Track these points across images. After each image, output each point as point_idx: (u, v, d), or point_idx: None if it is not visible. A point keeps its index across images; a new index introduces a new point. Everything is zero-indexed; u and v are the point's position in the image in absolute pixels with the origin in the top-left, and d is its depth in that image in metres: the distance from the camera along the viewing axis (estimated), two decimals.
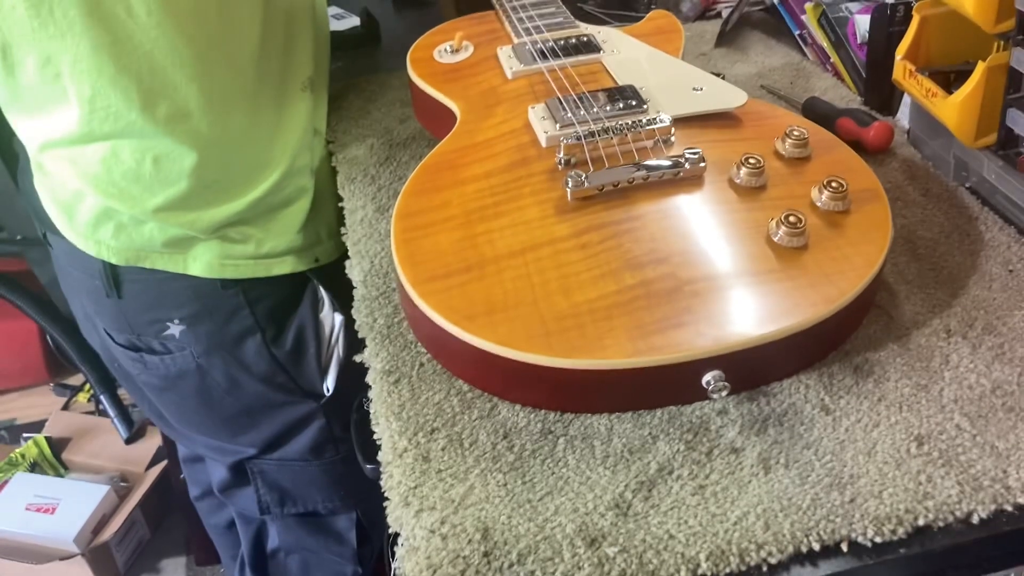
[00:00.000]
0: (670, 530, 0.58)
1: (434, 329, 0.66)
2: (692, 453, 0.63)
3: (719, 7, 1.33)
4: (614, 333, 0.62)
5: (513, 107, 0.86)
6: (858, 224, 0.71)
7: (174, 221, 0.83)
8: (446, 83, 0.92)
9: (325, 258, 0.95)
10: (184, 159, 0.81)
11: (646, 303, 0.64)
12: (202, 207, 0.84)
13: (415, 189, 0.76)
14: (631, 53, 0.94)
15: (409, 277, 0.68)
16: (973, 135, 0.82)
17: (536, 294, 0.65)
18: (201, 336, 0.90)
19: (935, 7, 0.86)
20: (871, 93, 1.03)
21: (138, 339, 0.92)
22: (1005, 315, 0.73)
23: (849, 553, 0.57)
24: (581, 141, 0.77)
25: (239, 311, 0.89)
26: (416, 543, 0.59)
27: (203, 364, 0.92)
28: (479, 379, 0.68)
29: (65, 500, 1.67)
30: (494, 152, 0.80)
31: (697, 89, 0.86)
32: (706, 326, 0.63)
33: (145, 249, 0.85)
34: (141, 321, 0.91)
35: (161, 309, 0.89)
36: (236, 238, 0.86)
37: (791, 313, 0.64)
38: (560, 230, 0.71)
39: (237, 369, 0.92)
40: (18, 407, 2.02)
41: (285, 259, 0.90)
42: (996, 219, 0.83)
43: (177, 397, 0.97)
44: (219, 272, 0.87)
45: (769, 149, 0.78)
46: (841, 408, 0.66)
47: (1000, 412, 0.65)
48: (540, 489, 0.62)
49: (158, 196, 0.82)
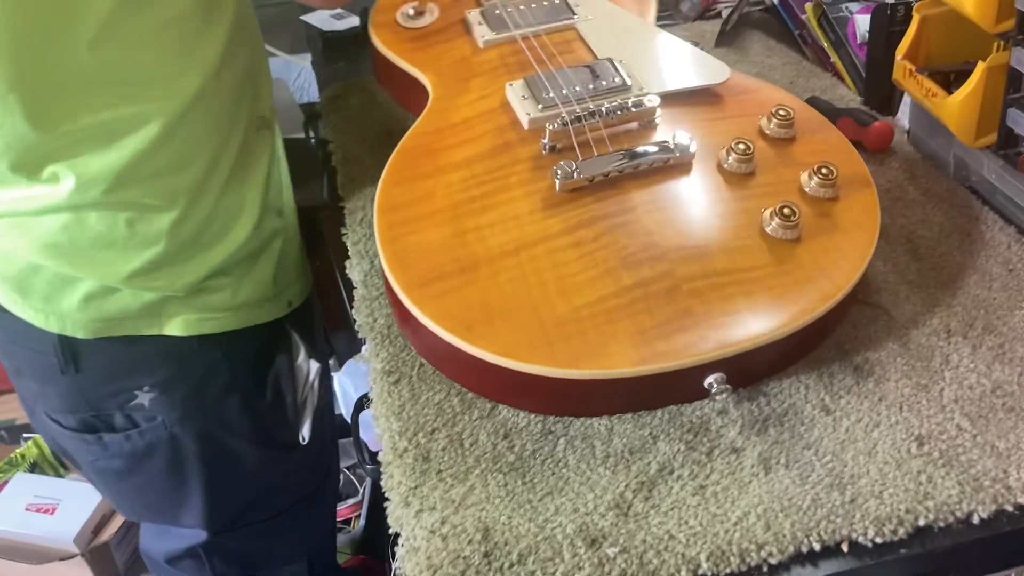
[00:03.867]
0: (670, 530, 0.58)
1: (430, 337, 0.65)
2: (692, 453, 0.63)
3: (719, 7, 1.33)
4: (617, 339, 0.61)
5: (488, 82, 0.83)
6: (847, 211, 0.70)
7: (151, 285, 0.76)
8: (415, 52, 0.87)
9: (297, 300, 0.90)
10: (162, 218, 0.74)
11: (646, 305, 0.64)
12: (181, 264, 0.77)
13: (395, 178, 0.73)
14: (606, 18, 0.90)
15: (401, 282, 0.66)
16: (973, 135, 0.81)
17: (534, 297, 0.64)
18: (176, 401, 0.82)
19: (935, 7, 0.86)
20: (871, 93, 1.03)
21: (96, 417, 0.82)
22: (1005, 315, 0.73)
23: (850, 553, 0.57)
24: (568, 127, 0.74)
25: (217, 368, 0.82)
26: (416, 543, 0.59)
27: (177, 433, 0.83)
28: (477, 386, 0.67)
29: (65, 500, 1.66)
30: (474, 135, 0.77)
31: (679, 63, 0.84)
32: (708, 329, 0.62)
33: (118, 318, 0.77)
34: (102, 394, 0.81)
35: (129, 378, 0.80)
36: (214, 288, 0.80)
37: (790, 312, 0.64)
38: (552, 226, 0.69)
39: (218, 430, 0.85)
40: (18, 407, 2.00)
41: (261, 308, 0.84)
42: (996, 219, 0.83)
43: (142, 480, 0.87)
44: (197, 329, 0.80)
45: (754, 128, 0.77)
46: (841, 408, 0.65)
47: (1000, 412, 0.65)
48: (540, 489, 0.62)
49: (134, 261, 0.74)
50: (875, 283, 0.76)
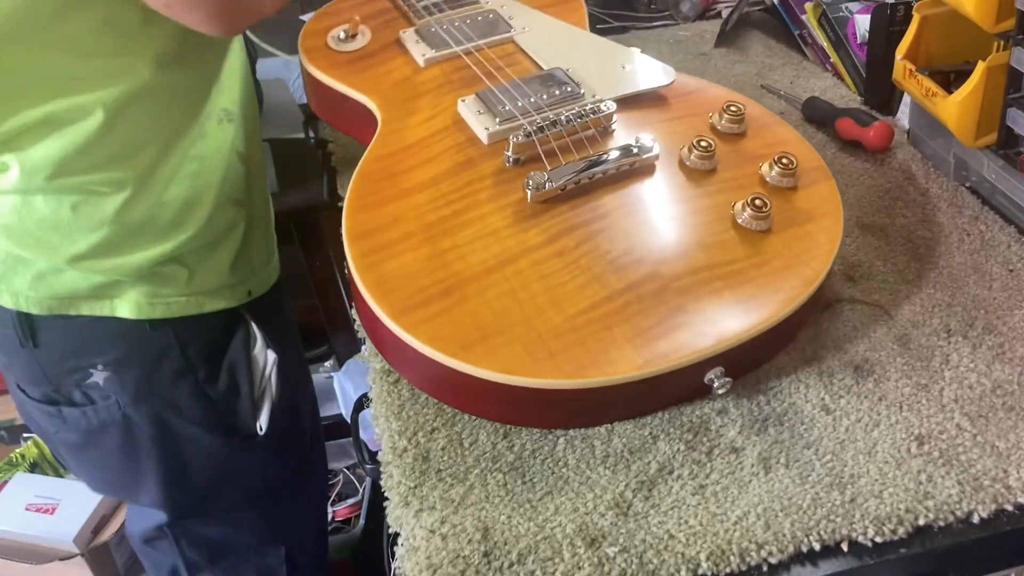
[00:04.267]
0: (670, 530, 0.58)
1: (425, 363, 0.62)
2: (692, 453, 0.63)
3: (719, 7, 1.33)
4: (618, 344, 0.61)
5: (436, 100, 0.81)
6: (809, 200, 0.71)
7: (97, 268, 0.77)
8: (352, 75, 0.84)
9: (259, 290, 0.89)
10: (106, 205, 0.75)
11: (639, 307, 0.63)
12: (129, 249, 0.77)
13: (359, 204, 0.71)
14: (542, 30, 0.89)
15: (387, 309, 0.63)
16: (973, 135, 0.81)
17: (526, 311, 0.63)
18: (128, 382, 0.82)
19: (935, 7, 0.86)
20: (871, 93, 1.03)
21: (56, 391, 0.84)
22: (1005, 315, 0.73)
23: (849, 553, 0.57)
24: (532, 138, 0.74)
25: (169, 353, 0.82)
26: (416, 543, 0.59)
27: (130, 413, 0.84)
28: (480, 408, 0.66)
29: (65, 500, 1.66)
30: (433, 154, 0.76)
31: (624, 67, 0.83)
32: (704, 325, 0.63)
33: (68, 297, 0.78)
34: (60, 370, 0.82)
35: (83, 356, 0.81)
36: (166, 275, 0.80)
37: (778, 300, 0.64)
38: (532, 237, 0.68)
39: (170, 414, 0.85)
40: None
41: (217, 295, 0.84)
42: (996, 219, 0.83)
43: (98, 455, 0.89)
44: (148, 312, 0.80)
45: (706, 126, 0.78)
46: (841, 408, 0.66)
47: (1000, 412, 0.65)
48: (540, 489, 0.62)
49: (79, 243, 0.75)
50: (875, 283, 0.77)
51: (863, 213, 0.85)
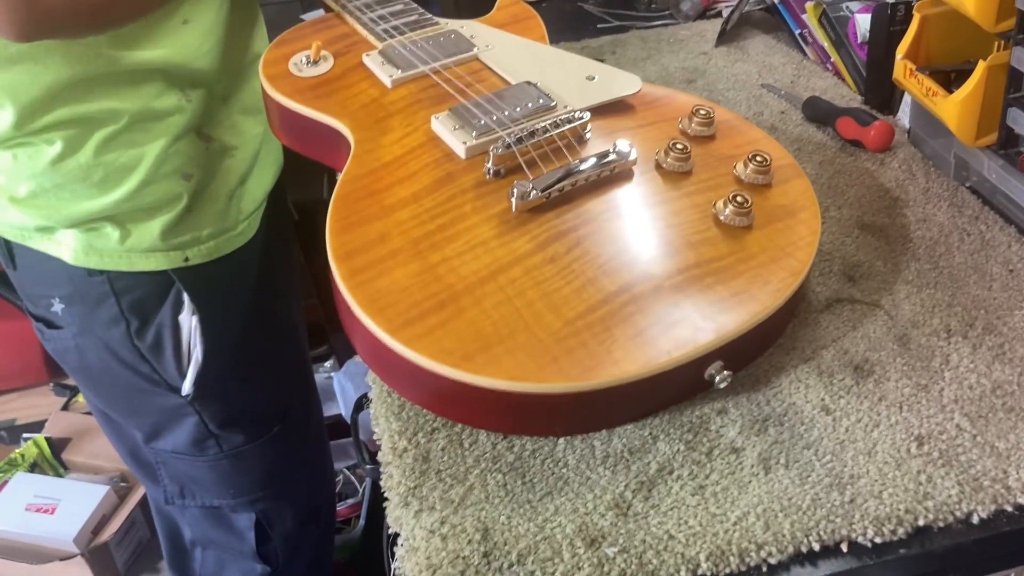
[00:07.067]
0: (670, 530, 0.58)
1: (426, 377, 0.62)
2: (692, 453, 0.63)
3: (719, 6, 1.33)
4: (619, 344, 0.61)
5: (408, 118, 0.81)
6: (785, 195, 0.73)
7: (33, 212, 0.86)
8: (319, 99, 0.84)
9: (197, 259, 0.93)
10: (42, 155, 0.83)
11: (636, 307, 0.63)
12: (61, 200, 0.86)
13: (342, 225, 0.71)
14: (505, 47, 0.90)
15: (384, 326, 0.61)
16: (973, 134, 0.81)
17: (525, 317, 0.63)
18: (75, 317, 0.92)
19: (936, 6, 0.86)
20: (871, 92, 1.03)
21: (35, 309, 0.96)
22: (1005, 315, 0.73)
23: (849, 553, 0.57)
24: (512, 149, 0.74)
25: (106, 299, 0.91)
26: (416, 543, 0.59)
27: (80, 344, 0.94)
28: (485, 420, 0.65)
29: (65, 500, 1.67)
30: (411, 171, 0.76)
31: (591, 78, 0.85)
32: (701, 320, 0.63)
33: (22, 230, 0.88)
34: (33, 294, 0.94)
35: (44, 286, 0.92)
36: (99, 231, 0.88)
37: (769, 291, 0.65)
38: (522, 246, 0.68)
39: (106, 353, 0.94)
40: (18, 407, 2.02)
41: (151, 256, 0.90)
42: (996, 219, 0.83)
43: (69, 370, 1.01)
44: (83, 261, 0.88)
45: (675, 131, 0.79)
46: (841, 408, 0.66)
47: (1000, 412, 0.65)
48: (540, 489, 0.62)
49: (19, 188, 0.85)
50: (875, 283, 0.77)
51: (863, 213, 0.85)
